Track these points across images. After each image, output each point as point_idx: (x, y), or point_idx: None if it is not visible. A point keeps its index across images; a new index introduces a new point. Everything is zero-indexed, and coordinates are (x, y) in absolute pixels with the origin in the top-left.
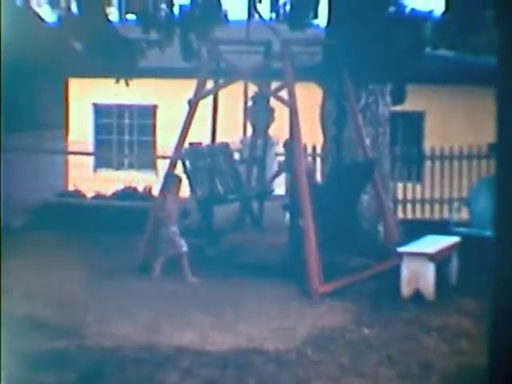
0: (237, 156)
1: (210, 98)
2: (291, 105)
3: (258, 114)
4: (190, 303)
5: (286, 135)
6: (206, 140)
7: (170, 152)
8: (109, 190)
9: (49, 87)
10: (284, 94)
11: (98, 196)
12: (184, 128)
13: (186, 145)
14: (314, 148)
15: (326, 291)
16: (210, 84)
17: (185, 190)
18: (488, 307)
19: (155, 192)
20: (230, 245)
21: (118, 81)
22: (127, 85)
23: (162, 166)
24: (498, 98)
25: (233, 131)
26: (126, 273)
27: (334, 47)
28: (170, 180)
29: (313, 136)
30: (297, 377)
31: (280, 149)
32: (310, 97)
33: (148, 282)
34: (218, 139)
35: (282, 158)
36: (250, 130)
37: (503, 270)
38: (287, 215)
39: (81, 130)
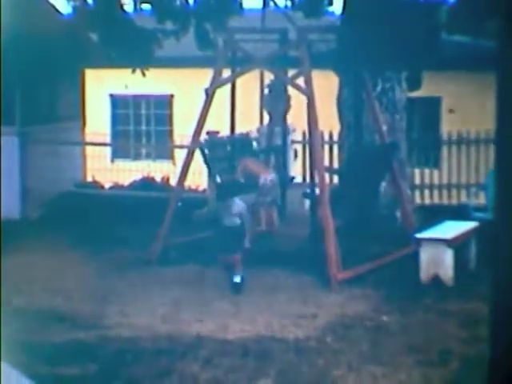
0: (254, 144)
1: (226, 87)
2: (308, 92)
3: (275, 101)
4: (209, 292)
5: (303, 123)
6: (223, 128)
7: (187, 141)
8: (126, 181)
9: (66, 79)
10: (300, 81)
11: (116, 187)
12: (201, 117)
13: (204, 134)
14: (331, 135)
15: (345, 278)
16: (226, 73)
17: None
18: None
19: (173, 182)
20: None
21: (134, 71)
22: (144, 75)
23: (180, 155)
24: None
25: (249, 119)
26: (144, 263)
27: (350, 34)
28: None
29: (330, 123)
30: (316, 365)
31: (297, 136)
32: (326, 84)
33: (167, 272)
34: (236, 128)
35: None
36: (266, 118)
37: (503, 268)
38: (306, 203)
39: (98, 120)
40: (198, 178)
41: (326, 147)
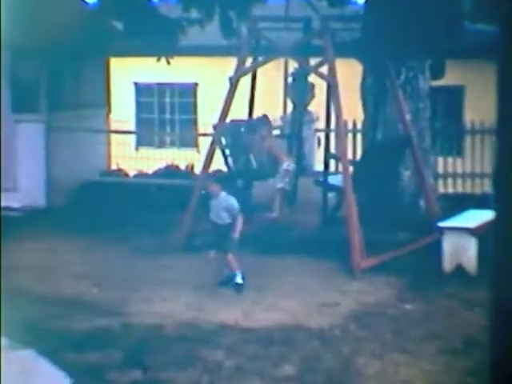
0: (278, 133)
1: (250, 76)
2: (332, 81)
3: (298, 90)
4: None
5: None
6: (246, 117)
7: (211, 130)
8: (151, 169)
9: (91, 67)
10: (324, 70)
11: (141, 174)
12: (225, 105)
13: (227, 122)
14: (355, 124)
15: (367, 267)
16: (250, 61)
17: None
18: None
19: (197, 170)
20: (271, 221)
21: (159, 59)
22: (168, 63)
23: (204, 143)
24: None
25: (273, 108)
26: (168, 251)
27: (373, 23)
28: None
29: (353, 112)
30: (340, 353)
31: (320, 125)
32: (350, 73)
33: (191, 260)
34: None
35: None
36: (290, 107)
37: (503, 266)
38: (327, 192)
39: (123, 108)
40: (223, 165)
41: (350, 136)
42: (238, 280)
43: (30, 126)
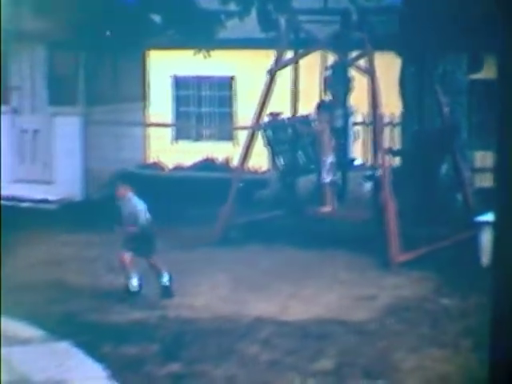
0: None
1: (288, 69)
2: (371, 73)
3: (337, 83)
4: (269, 273)
5: (365, 104)
6: (284, 110)
7: (249, 123)
8: (188, 162)
9: (129, 60)
10: (363, 63)
11: (178, 167)
12: (263, 98)
13: (266, 115)
14: (392, 117)
15: (405, 260)
16: (288, 54)
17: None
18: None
19: (235, 163)
20: (311, 215)
21: (196, 52)
22: (206, 56)
23: (241, 137)
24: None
25: (310, 101)
26: (205, 243)
27: (411, 15)
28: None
29: (391, 105)
30: (376, 347)
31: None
32: (388, 66)
33: (228, 253)
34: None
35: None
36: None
37: (502, 268)
38: (367, 185)
39: (161, 102)
40: (260, 159)
41: (387, 129)
42: (165, 281)
43: (67, 119)
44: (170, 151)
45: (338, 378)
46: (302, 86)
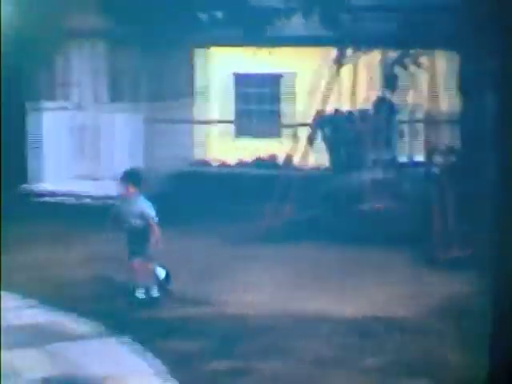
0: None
1: (348, 66)
2: (431, 71)
3: (388, 81)
4: (316, 270)
5: (423, 100)
6: (343, 107)
7: (309, 119)
8: (247, 158)
9: (191, 57)
10: (423, 60)
11: (237, 164)
12: (324, 96)
13: (326, 112)
14: (448, 113)
15: (451, 258)
16: (349, 52)
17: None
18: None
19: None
20: (362, 212)
21: (259, 49)
22: (268, 53)
23: (302, 133)
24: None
25: (361, 98)
26: (258, 240)
27: (470, 13)
28: None
29: (446, 102)
30: (423, 345)
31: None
32: (446, 63)
33: (279, 249)
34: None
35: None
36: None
37: (503, 270)
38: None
39: (221, 99)
40: (319, 155)
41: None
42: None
43: (127, 115)
44: (230, 148)
45: (386, 375)
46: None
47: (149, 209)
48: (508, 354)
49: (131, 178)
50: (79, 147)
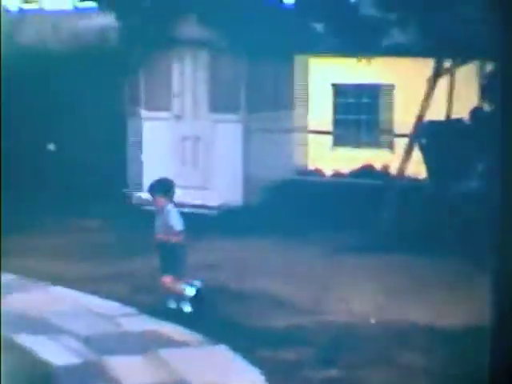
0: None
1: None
2: None
3: (485, 91)
4: (417, 281)
5: None
6: (441, 117)
7: (407, 130)
8: (347, 169)
9: (290, 67)
10: None
11: (336, 174)
12: (422, 106)
13: (423, 122)
14: None
15: None
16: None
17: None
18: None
19: (392, 170)
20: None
21: (359, 60)
22: (368, 64)
23: (400, 144)
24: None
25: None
26: (364, 250)
27: None
28: None
29: None
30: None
31: None
32: None
33: (379, 259)
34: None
35: None
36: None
37: (504, 271)
38: None
39: (320, 109)
40: (418, 166)
41: None
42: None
43: (228, 126)
44: (328, 158)
45: None
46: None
47: (177, 221)
48: (508, 353)
49: (159, 188)
50: (179, 157)
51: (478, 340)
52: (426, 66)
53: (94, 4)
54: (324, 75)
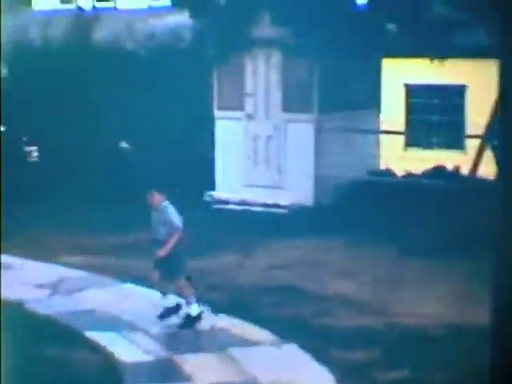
0: None
1: None
2: None
3: None
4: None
5: None
6: None
7: (480, 131)
8: (419, 169)
9: (362, 67)
10: None
11: (409, 175)
12: (493, 109)
13: (494, 124)
14: None
15: None
16: None
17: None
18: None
19: (464, 171)
20: None
21: (432, 60)
22: (441, 65)
23: (471, 145)
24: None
25: None
26: (431, 252)
27: None
28: None
29: None
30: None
31: None
32: None
33: (449, 263)
34: None
35: None
36: None
37: (503, 270)
38: None
39: (392, 109)
40: (487, 167)
41: None
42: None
43: (300, 125)
44: (400, 158)
45: None
46: None
47: (176, 217)
48: (508, 353)
49: (157, 184)
50: (251, 156)
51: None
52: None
53: (168, 3)
54: (397, 75)
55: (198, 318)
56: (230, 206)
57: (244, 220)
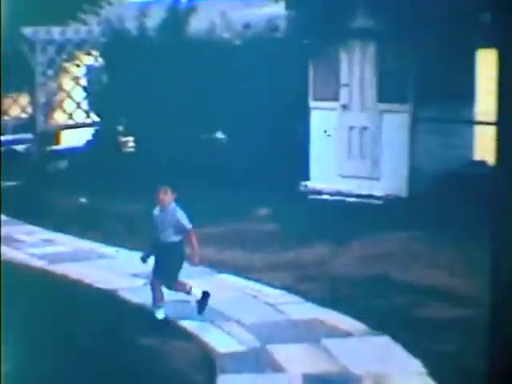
0: None
1: None
2: None
3: None
4: None
5: None
6: None
7: None
8: None
9: (459, 58)
10: None
11: None
12: None
13: None
14: None
15: None
16: None
17: None
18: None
19: None
20: None
21: None
22: None
23: None
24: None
25: None
26: None
27: None
28: None
29: None
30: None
31: None
32: None
33: None
34: None
35: None
36: None
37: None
38: None
39: (487, 100)
40: None
41: None
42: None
43: (395, 116)
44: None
45: None
46: None
47: (186, 220)
48: (508, 353)
49: (167, 180)
50: (346, 147)
51: None
52: None
53: None
54: (491, 67)
55: (207, 296)
56: (325, 197)
57: (338, 210)
